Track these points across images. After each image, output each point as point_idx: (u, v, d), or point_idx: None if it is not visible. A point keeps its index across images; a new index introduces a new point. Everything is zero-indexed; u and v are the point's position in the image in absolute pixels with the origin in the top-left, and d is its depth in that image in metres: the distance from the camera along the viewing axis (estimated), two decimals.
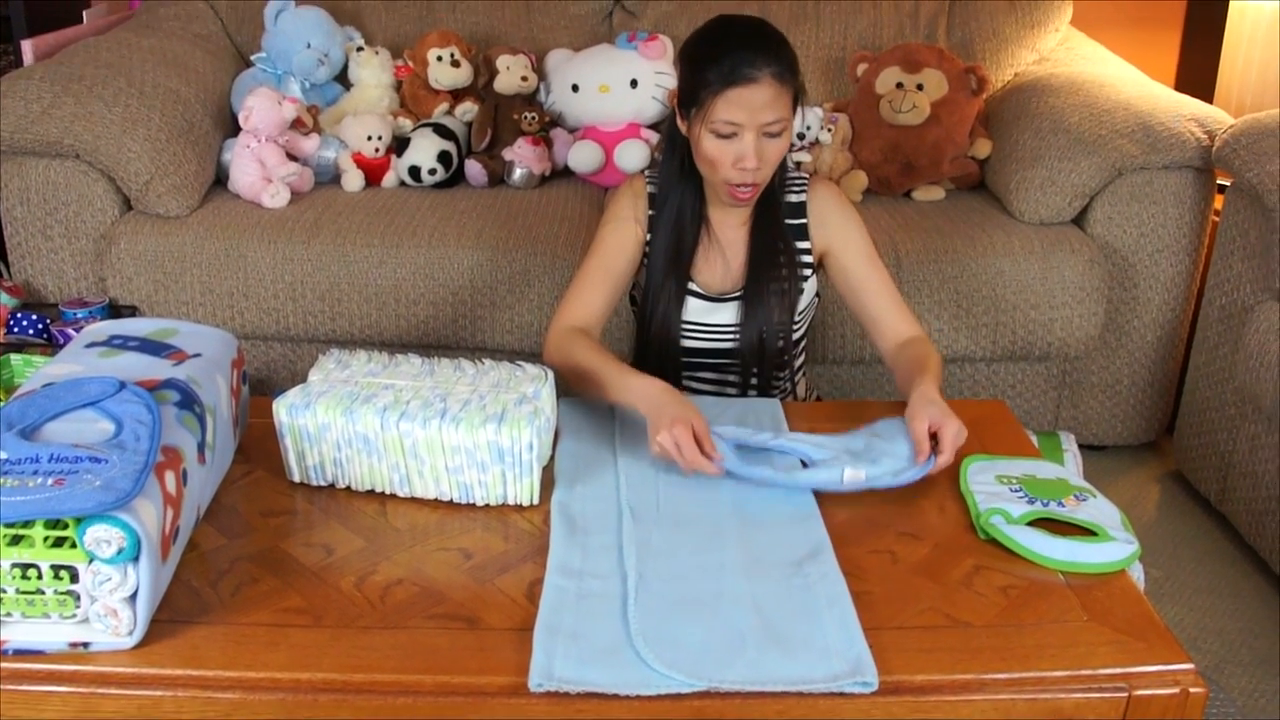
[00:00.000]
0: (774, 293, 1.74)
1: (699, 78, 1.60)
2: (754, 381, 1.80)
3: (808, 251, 1.77)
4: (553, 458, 1.47)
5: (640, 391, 1.49)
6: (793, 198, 1.77)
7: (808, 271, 1.77)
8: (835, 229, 1.75)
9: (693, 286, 1.76)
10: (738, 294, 1.76)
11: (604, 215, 1.79)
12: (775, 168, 1.67)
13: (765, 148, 1.61)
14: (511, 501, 1.37)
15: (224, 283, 2.37)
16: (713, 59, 1.58)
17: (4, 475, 1.07)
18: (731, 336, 1.77)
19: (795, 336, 1.80)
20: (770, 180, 1.71)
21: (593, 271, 1.73)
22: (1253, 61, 2.69)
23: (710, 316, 1.77)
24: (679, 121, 1.69)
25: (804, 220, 1.76)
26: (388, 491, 1.39)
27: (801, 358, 1.90)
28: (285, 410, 1.37)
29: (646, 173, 1.82)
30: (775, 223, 1.75)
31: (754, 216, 1.76)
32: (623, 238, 1.75)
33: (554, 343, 1.67)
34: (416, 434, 1.33)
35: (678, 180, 1.74)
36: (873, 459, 1.41)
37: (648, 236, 1.76)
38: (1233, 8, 2.78)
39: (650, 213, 1.76)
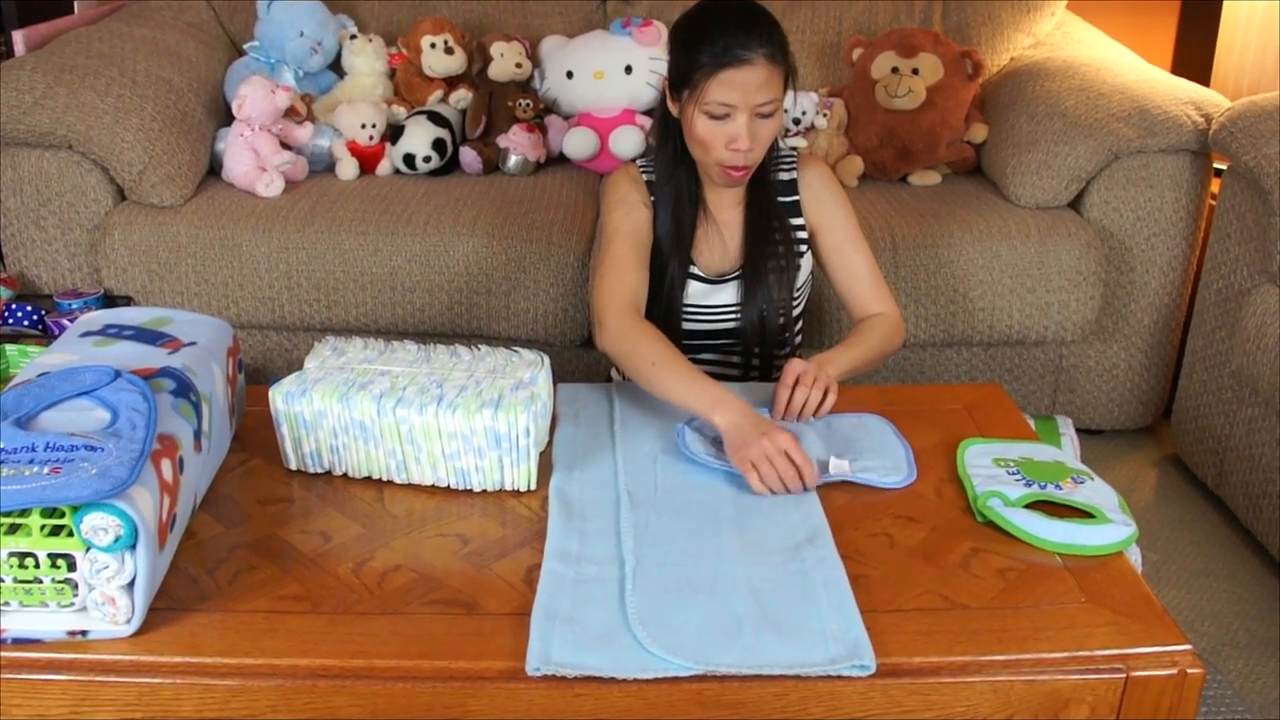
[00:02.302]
0: (772, 270, 1.75)
1: (692, 59, 1.59)
2: (755, 361, 1.81)
3: (801, 227, 1.78)
4: (551, 443, 1.46)
5: (728, 414, 1.43)
6: (783, 175, 1.78)
7: (803, 247, 1.78)
8: (825, 205, 1.77)
9: (693, 270, 1.76)
10: (736, 274, 1.76)
11: (609, 202, 1.77)
12: (767, 147, 1.67)
13: (758, 128, 1.61)
14: (509, 487, 1.37)
15: (219, 272, 2.36)
16: (705, 40, 1.58)
17: (0, 464, 1.07)
18: (732, 317, 1.77)
19: (795, 313, 1.81)
20: (761, 159, 1.71)
21: (627, 253, 1.69)
22: (1249, 44, 2.68)
23: (710, 298, 1.77)
24: (670, 103, 1.69)
25: (796, 197, 1.78)
26: (384, 478, 1.39)
27: (800, 338, 1.91)
28: (281, 397, 1.37)
29: (639, 161, 1.82)
30: (769, 201, 1.76)
31: (748, 196, 1.77)
32: (640, 219, 1.73)
33: (617, 326, 1.60)
34: (413, 420, 1.33)
35: (673, 165, 1.74)
36: (856, 453, 1.42)
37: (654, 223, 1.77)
38: None
39: (651, 199, 1.77)
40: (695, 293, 1.77)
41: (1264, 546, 2.17)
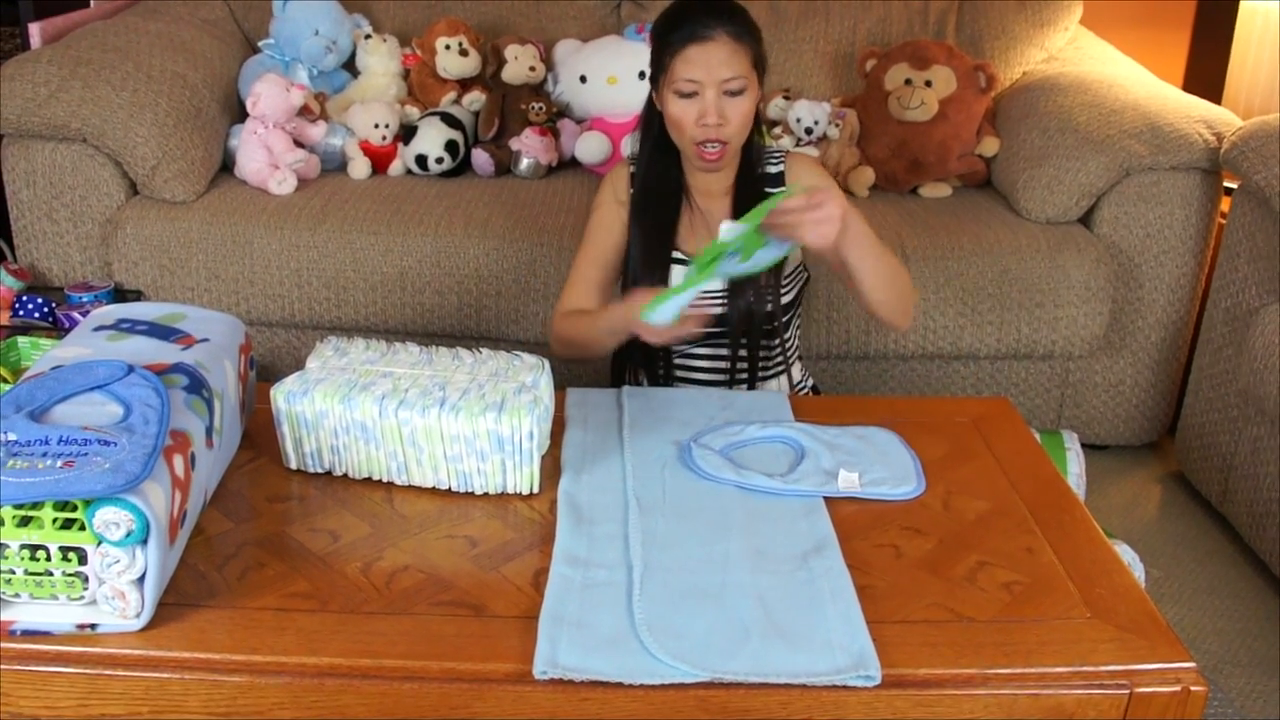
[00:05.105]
0: None
1: (662, 43, 1.68)
2: (743, 352, 1.81)
3: None
4: (555, 447, 1.47)
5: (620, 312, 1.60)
6: (771, 169, 1.82)
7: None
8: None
9: (678, 255, 1.80)
10: None
11: (592, 204, 1.85)
12: (741, 129, 1.71)
13: (726, 106, 1.66)
14: (511, 490, 1.37)
15: (229, 269, 2.37)
16: (674, 24, 1.67)
17: (13, 457, 1.08)
18: (720, 302, 1.79)
19: (785, 300, 1.82)
20: (748, 154, 1.77)
21: (585, 265, 1.81)
22: (1262, 63, 2.68)
23: None
24: (654, 97, 1.75)
25: (784, 189, 1.80)
26: (385, 479, 1.39)
27: (794, 342, 1.91)
28: (283, 397, 1.37)
29: (631, 158, 1.85)
30: (757, 193, 1.79)
31: (735, 186, 1.80)
32: (609, 224, 1.81)
33: (555, 332, 1.77)
34: (415, 422, 1.33)
35: (654, 154, 1.79)
36: (864, 465, 1.42)
37: (628, 216, 1.81)
38: (1243, 9, 2.78)
39: (631, 191, 1.81)
40: (680, 277, 1.79)
41: (1267, 565, 2.17)
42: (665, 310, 1.47)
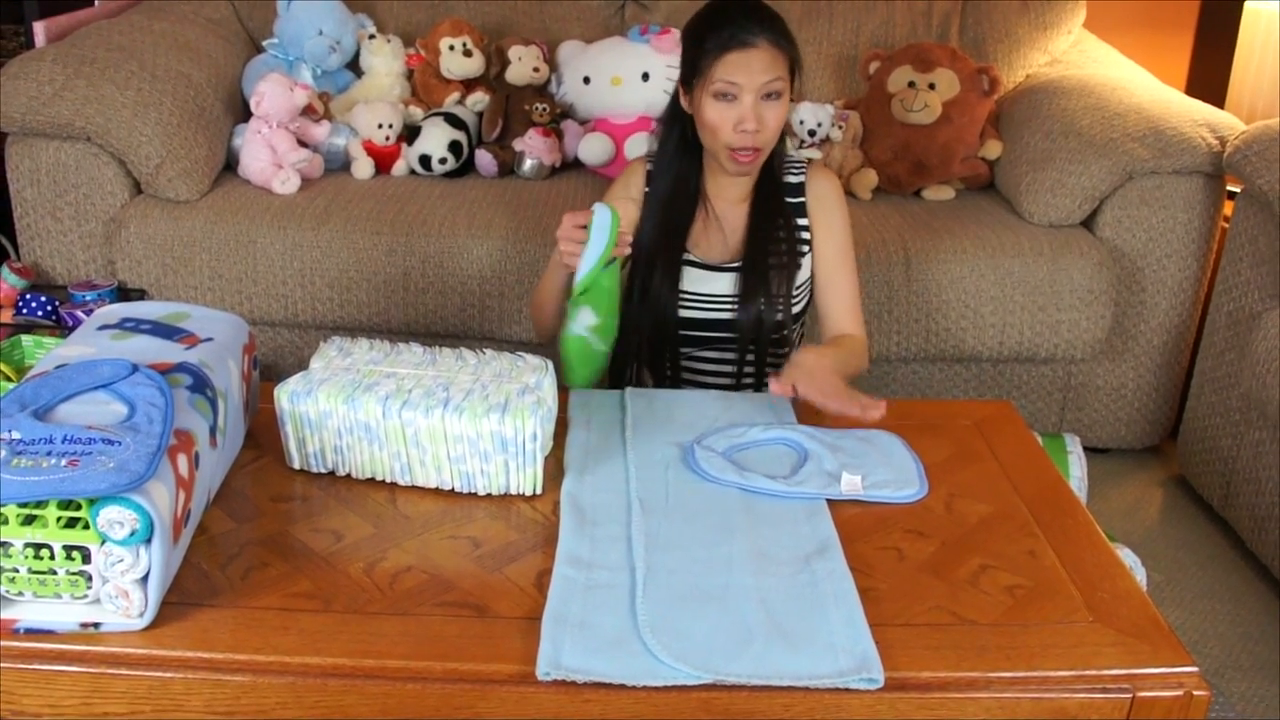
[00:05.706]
0: (773, 264, 1.78)
1: (700, 48, 1.68)
2: (750, 358, 1.82)
3: (806, 228, 1.80)
4: (562, 448, 1.47)
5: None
6: (791, 179, 1.82)
7: (805, 247, 1.80)
8: (825, 216, 1.81)
9: (690, 256, 1.80)
10: (736, 265, 1.78)
11: (603, 198, 1.83)
12: (775, 133, 1.71)
13: (764, 111, 1.67)
14: (514, 491, 1.37)
15: (233, 268, 2.37)
16: (713, 28, 1.67)
17: (17, 455, 1.08)
18: (729, 307, 1.79)
19: (795, 310, 1.82)
20: (770, 161, 1.77)
21: None
22: (1265, 67, 2.68)
23: (707, 286, 1.79)
24: (682, 98, 1.75)
25: (802, 199, 1.82)
26: (388, 480, 1.39)
27: (800, 343, 1.92)
28: (287, 397, 1.37)
29: (649, 156, 1.85)
30: (775, 198, 1.80)
31: (754, 192, 1.80)
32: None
33: (533, 313, 1.82)
34: (419, 422, 1.33)
35: (675, 155, 1.80)
36: (867, 468, 1.42)
37: (640, 214, 1.82)
38: (1246, 12, 2.78)
39: (646, 190, 1.81)
40: (692, 278, 1.80)
41: (1268, 569, 2.17)
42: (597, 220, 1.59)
